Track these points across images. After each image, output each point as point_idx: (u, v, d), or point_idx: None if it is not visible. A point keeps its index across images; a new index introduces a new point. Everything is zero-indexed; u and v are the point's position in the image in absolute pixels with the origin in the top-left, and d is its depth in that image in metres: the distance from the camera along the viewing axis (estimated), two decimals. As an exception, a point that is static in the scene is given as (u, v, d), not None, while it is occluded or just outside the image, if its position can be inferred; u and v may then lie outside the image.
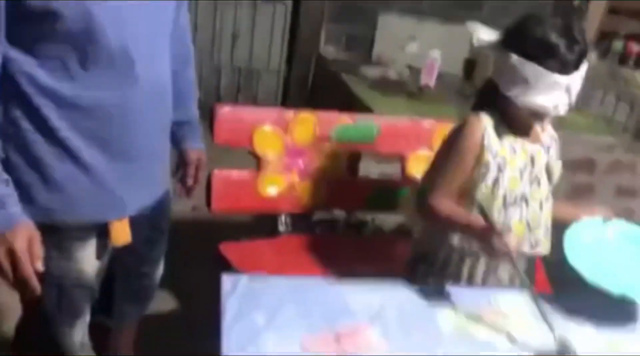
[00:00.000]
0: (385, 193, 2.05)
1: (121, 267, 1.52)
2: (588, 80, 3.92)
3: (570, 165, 3.38)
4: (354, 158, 2.15)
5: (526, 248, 1.58)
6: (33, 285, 1.13)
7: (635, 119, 3.39)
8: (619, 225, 1.59)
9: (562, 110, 1.45)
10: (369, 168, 2.25)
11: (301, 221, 2.04)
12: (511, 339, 1.30)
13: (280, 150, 1.93)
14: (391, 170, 2.16)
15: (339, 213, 2.35)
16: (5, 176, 1.11)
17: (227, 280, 1.33)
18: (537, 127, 1.57)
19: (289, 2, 4.02)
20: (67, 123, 1.15)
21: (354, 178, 2.10)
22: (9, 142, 1.14)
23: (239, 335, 1.17)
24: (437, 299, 1.39)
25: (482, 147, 1.49)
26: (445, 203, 1.51)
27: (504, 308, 1.39)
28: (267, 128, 1.91)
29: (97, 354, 1.53)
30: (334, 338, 1.21)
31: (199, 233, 2.14)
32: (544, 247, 1.61)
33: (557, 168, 1.60)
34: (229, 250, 1.81)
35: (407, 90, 3.36)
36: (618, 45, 3.85)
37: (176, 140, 1.50)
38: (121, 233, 1.29)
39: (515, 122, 1.51)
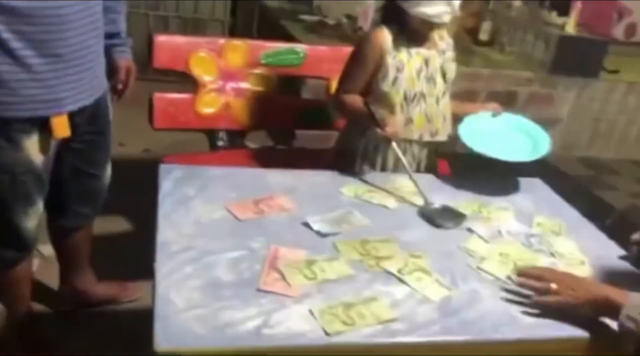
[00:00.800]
0: (311, 111, 2.31)
1: (69, 169, 1.71)
2: (511, 22, 4.22)
3: (495, 97, 3.71)
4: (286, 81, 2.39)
5: (427, 137, 1.89)
6: None
7: (550, 56, 3.72)
8: (507, 117, 1.96)
9: (445, 18, 1.73)
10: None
11: (238, 137, 2.28)
12: (399, 201, 1.59)
13: (215, 73, 2.16)
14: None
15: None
16: None
17: (163, 168, 1.58)
18: (435, 36, 1.87)
19: (230, -46, 4.18)
20: (8, 28, 1.35)
21: (283, 98, 2.34)
22: None
23: (172, 202, 1.42)
24: (343, 179, 1.67)
25: (382, 53, 1.78)
26: (348, 97, 1.83)
27: (397, 184, 1.68)
28: (202, 53, 2.14)
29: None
30: (253, 203, 1.47)
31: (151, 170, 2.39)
32: (442, 135, 1.91)
33: (451, 69, 1.89)
34: (171, 162, 2.04)
35: (342, 33, 3.60)
36: (537, -12, 4.15)
37: (107, 51, 1.70)
38: (61, 127, 1.50)
39: (412, 32, 1.80)
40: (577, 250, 1.50)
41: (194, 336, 1.03)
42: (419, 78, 1.83)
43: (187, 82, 2.18)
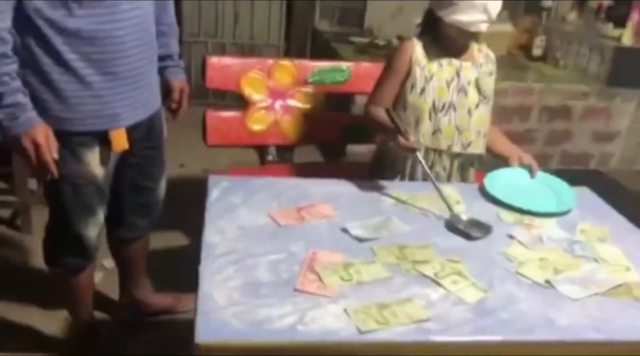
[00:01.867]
0: (357, 126, 2.36)
1: (128, 182, 1.83)
2: (565, 36, 4.16)
3: (549, 112, 3.66)
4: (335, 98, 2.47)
5: (458, 148, 1.89)
6: (51, 169, 1.49)
7: (606, 68, 3.63)
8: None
9: (482, 27, 1.76)
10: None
11: (286, 152, 2.36)
12: (439, 208, 1.60)
13: (264, 92, 2.25)
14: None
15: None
16: (24, 89, 1.46)
17: (212, 179, 1.67)
18: (474, 48, 1.89)
19: (284, -17, 4.33)
20: (70, 49, 1.48)
21: (329, 113, 2.40)
22: (25, 66, 1.47)
23: (219, 209, 1.50)
24: (382, 188, 1.71)
25: (411, 63, 1.84)
26: (374, 109, 1.87)
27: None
28: (252, 73, 2.24)
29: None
30: (295, 210, 1.53)
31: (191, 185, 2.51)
32: (475, 147, 1.91)
33: (487, 83, 1.90)
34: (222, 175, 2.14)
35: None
36: (592, 2, 4.08)
37: (161, 72, 1.83)
38: (119, 141, 1.62)
39: (448, 41, 1.83)
40: (623, 256, 1.47)
41: (232, 331, 1.09)
42: (449, 88, 1.85)
43: (241, 102, 2.28)
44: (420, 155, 1.69)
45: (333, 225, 1.48)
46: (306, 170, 2.32)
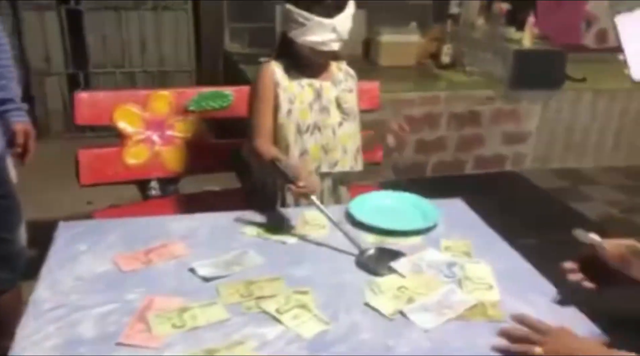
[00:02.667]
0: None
1: None
2: (472, 42, 4.23)
3: (458, 119, 3.69)
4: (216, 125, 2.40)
5: (325, 168, 1.86)
6: None
7: (508, 72, 3.69)
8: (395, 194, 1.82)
9: (334, 45, 1.73)
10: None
11: (170, 185, 2.28)
12: (301, 236, 1.55)
13: (140, 124, 2.17)
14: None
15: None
16: None
17: (62, 226, 1.57)
18: (333, 67, 1.86)
19: (187, 7, 4.27)
20: None
21: (214, 142, 2.33)
22: None
23: (59, 259, 1.40)
24: (247, 218, 1.64)
25: (274, 86, 1.79)
26: (265, 146, 1.79)
27: (307, 218, 1.65)
28: (126, 106, 2.15)
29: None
30: (143, 253, 1.45)
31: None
32: (342, 165, 1.88)
33: (348, 100, 1.87)
34: (100, 216, 2.04)
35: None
36: (496, 7, 4.16)
37: (2, 116, 1.76)
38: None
39: (305, 62, 1.80)
40: (489, 273, 1.43)
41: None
42: (311, 109, 1.81)
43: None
44: (315, 198, 1.59)
45: (181, 265, 1.40)
46: (193, 202, 2.25)
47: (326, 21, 1.69)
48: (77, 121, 2.11)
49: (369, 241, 1.55)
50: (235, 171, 2.39)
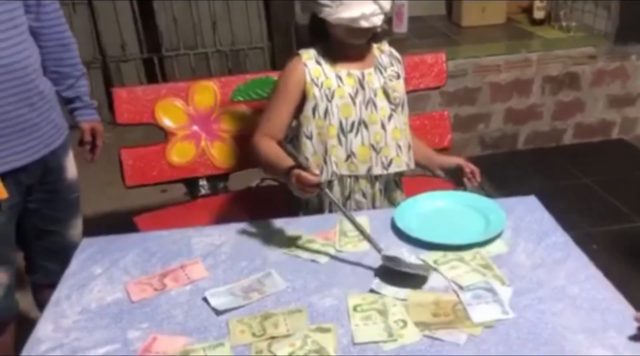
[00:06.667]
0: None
1: (31, 228, 1.73)
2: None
3: (554, 82, 3.26)
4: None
5: (378, 170, 1.60)
6: None
7: (614, 24, 3.18)
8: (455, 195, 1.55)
9: (375, 20, 1.47)
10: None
11: (220, 182, 2.13)
12: (337, 253, 1.35)
13: (184, 119, 2.04)
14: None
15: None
16: None
17: (85, 243, 1.47)
18: (374, 50, 1.60)
19: (256, -19, 4.09)
20: None
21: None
22: None
23: (71, 285, 1.30)
24: (280, 228, 1.46)
25: (304, 83, 1.54)
26: (264, 142, 1.54)
27: (344, 229, 1.43)
28: (167, 101, 2.02)
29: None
30: (158, 277, 1.31)
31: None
32: (398, 165, 1.62)
33: (396, 88, 1.60)
34: (142, 221, 1.94)
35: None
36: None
37: (71, 115, 1.80)
38: (-3, 190, 1.54)
39: (341, 48, 1.55)
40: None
41: None
42: (354, 103, 1.56)
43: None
44: (328, 191, 1.40)
45: (195, 293, 1.25)
46: (243, 199, 2.10)
47: None
48: (119, 120, 2.00)
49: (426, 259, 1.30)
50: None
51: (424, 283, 1.22)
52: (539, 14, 3.60)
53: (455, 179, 1.61)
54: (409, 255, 1.29)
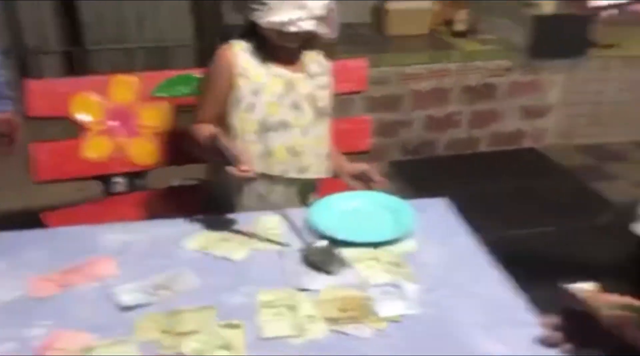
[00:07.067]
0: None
1: None
2: (489, 8, 3.87)
3: (471, 92, 3.40)
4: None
5: (293, 173, 1.62)
6: None
7: (528, 38, 3.36)
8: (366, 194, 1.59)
9: (305, 25, 1.48)
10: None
11: (137, 179, 2.09)
12: (253, 251, 1.35)
13: (100, 113, 1.98)
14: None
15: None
16: None
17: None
18: (305, 57, 1.62)
19: (185, -23, 4.03)
20: None
21: (184, 130, 2.13)
22: None
23: (-31, 282, 1.24)
24: (195, 226, 1.45)
25: (232, 73, 1.55)
26: (198, 128, 1.56)
27: (257, 228, 1.44)
28: (83, 94, 1.96)
29: None
30: (61, 273, 1.26)
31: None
32: (314, 172, 1.64)
33: (322, 97, 1.63)
34: (51, 218, 1.87)
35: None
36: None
37: None
38: None
39: (273, 50, 1.56)
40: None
41: None
42: (280, 104, 1.58)
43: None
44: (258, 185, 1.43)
45: (104, 289, 1.22)
46: (160, 198, 2.06)
47: None
48: (30, 113, 1.92)
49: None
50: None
51: (338, 277, 1.25)
52: (459, 27, 3.74)
53: (363, 184, 1.65)
54: (330, 248, 1.31)
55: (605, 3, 3.57)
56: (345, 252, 1.33)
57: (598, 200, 2.98)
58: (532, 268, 2.32)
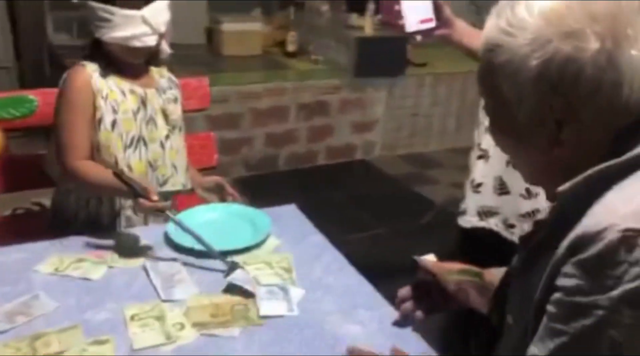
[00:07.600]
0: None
1: None
2: (317, 30, 4.11)
3: (307, 109, 3.60)
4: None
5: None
6: None
7: (353, 59, 3.66)
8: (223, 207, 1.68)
9: (148, 40, 1.52)
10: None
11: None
12: (110, 269, 1.35)
13: None
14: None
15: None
16: None
17: None
18: (153, 73, 1.66)
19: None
20: None
21: (17, 156, 2.02)
22: None
23: None
24: (49, 250, 1.40)
25: (93, 92, 1.54)
26: (87, 167, 1.53)
27: (119, 245, 1.44)
28: None
29: None
30: None
31: None
32: (173, 183, 1.68)
33: (174, 110, 1.68)
34: None
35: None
36: (337, -7, 4.11)
37: None
38: None
39: (119, 63, 1.58)
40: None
41: None
42: (136, 120, 1.60)
43: None
44: (171, 214, 1.41)
45: (-51, 322, 1.14)
46: (7, 225, 1.93)
47: (133, 13, 1.48)
48: None
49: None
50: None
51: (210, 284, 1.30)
52: (291, 47, 3.96)
53: (217, 196, 1.72)
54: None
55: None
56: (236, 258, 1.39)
57: (422, 202, 3.34)
58: (371, 267, 2.55)
